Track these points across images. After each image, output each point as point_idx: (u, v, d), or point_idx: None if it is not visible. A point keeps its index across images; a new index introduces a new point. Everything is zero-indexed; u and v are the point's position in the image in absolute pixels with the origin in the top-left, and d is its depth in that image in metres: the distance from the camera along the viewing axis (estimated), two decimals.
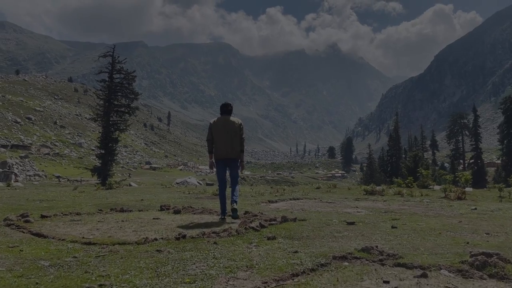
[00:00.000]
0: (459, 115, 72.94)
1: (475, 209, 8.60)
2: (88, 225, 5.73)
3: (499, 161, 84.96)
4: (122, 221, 6.10)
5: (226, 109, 7.02)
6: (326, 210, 8.29)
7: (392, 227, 5.49)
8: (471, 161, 65.26)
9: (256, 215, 6.33)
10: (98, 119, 31.79)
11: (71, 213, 6.98)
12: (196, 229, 5.25)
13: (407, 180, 16.94)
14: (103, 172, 30.18)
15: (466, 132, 69.90)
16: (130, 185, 24.02)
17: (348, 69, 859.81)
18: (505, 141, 57.49)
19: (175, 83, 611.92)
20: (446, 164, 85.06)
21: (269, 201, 10.32)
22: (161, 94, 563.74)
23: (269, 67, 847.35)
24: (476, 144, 63.50)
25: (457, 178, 15.95)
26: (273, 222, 5.57)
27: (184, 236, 4.55)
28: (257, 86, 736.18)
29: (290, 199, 11.03)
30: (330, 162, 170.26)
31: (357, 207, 9.00)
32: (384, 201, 10.75)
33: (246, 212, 6.69)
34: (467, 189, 14.51)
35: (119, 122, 32.10)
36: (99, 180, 30.07)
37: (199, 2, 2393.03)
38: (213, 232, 4.75)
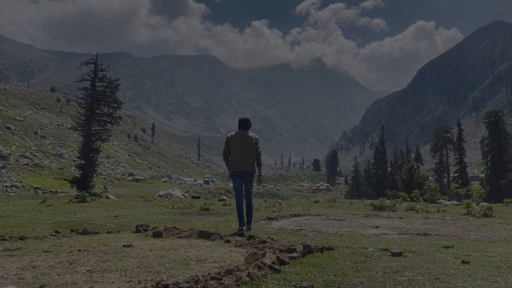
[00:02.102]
0: (443, 129, 72.77)
1: None
2: (25, 259, 3.99)
3: (482, 175, 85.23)
4: (79, 250, 4.34)
5: (245, 125, 7.29)
6: (344, 231, 6.79)
7: (463, 262, 3.94)
8: (455, 174, 64.92)
9: (265, 242, 4.66)
10: (79, 128, 30.77)
11: (12, 238, 5.21)
12: (185, 269, 3.54)
13: (413, 194, 15.62)
14: (83, 184, 28.70)
15: (450, 145, 69.68)
16: (107, 197, 22.07)
17: (332, 83, 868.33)
18: (489, 155, 57.27)
19: (160, 94, 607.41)
20: (430, 178, 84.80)
21: (268, 218, 8.75)
22: (146, 105, 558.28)
23: (255, 80, 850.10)
24: (461, 158, 63.15)
25: (469, 192, 14.71)
26: (294, 255, 3.90)
27: None
28: (243, 98, 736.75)
29: (291, 216, 9.48)
30: (315, 175, 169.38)
31: (377, 226, 7.54)
32: (400, 218, 9.30)
33: (250, 237, 5.08)
34: (482, 204, 13.21)
35: (101, 131, 31.02)
36: (78, 192, 28.30)
37: (185, 14, 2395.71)
38: (213, 279, 2.98)
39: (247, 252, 4.16)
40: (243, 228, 6.75)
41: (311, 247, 4.23)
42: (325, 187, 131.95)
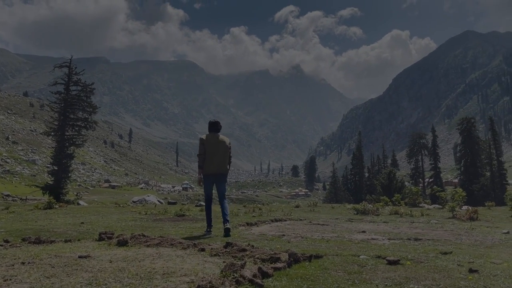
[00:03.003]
0: (418, 135, 73.94)
1: (508, 232, 6.92)
2: None
3: (456, 180, 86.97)
4: (23, 263, 3.63)
5: (216, 128, 7.21)
6: (330, 236, 6.31)
7: (471, 271, 3.46)
8: (430, 179, 65.92)
9: (244, 250, 4.02)
10: (52, 133, 29.69)
11: None
12: (147, 285, 2.86)
13: (395, 198, 15.36)
14: (55, 190, 27.68)
15: (425, 151, 70.77)
16: (78, 204, 21.04)
17: (311, 90, 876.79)
18: (463, 161, 58.36)
19: (137, 100, 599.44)
20: (406, 183, 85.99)
21: (248, 224, 8.18)
22: (123, 111, 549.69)
23: (234, 86, 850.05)
24: (435, 163, 64.18)
25: (451, 196, 14.59)
26: (279, 265, 3.31)
27: None
28: (222, 104, 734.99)
29: (272, 221, 8.94)
30: (293, 181, 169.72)
31: (363, 231, 7.10)
32: (385, 222, 8.92)
33: (228, 244, 4.45)
34: (464, 207, 13.04)
35: (75, 136, 30.19)
36: (53, 199, 27.16)
37: (163, 19, 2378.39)
38: None
39: (223, 262, 3.57)
40: (211, 230, 6.87)
41: (297, 256, 3.66)
42: (303, 193, 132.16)
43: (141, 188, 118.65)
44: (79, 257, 3.86)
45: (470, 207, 10.83)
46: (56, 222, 8.37)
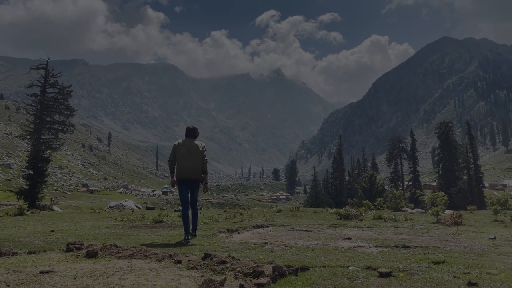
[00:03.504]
0: (398, 139, 74.88)
1: (494, 238, 6.80)
2: None
3: (434, 183, 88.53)
4: None
5: (193, 134, 7.29)
6: (315, 244, 6.07)
7: (470, 284, 3.22)
8: (409, 183, 66.71)
9: (224, 262, 3.67)
10: (28, 136, 28.89)
11: None
12: None
13: (377, 202, 15.26)
14: (31, 195, 26.92)
15: (404, 155, 71.68)
16: (52, 209, 20.26)
17: (291, 94, 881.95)
18: (441, 164, 59.34)
19: (117, 103, 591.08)
20: (386, 186, 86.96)
21: (228, 231, 7.87)
22: (102, 114, 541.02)
23: (215, 90, 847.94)
24: (414, 167, 65.06)
25: (433, 200, 14.59)
26: (262, 281, 2.96)
27: None
28: (203, 108, 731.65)
29: (254, 227, 8.65)
30: (274, 184, 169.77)
31: (349, 237, 6.89)
32: (369, 227, 8.74)
33: (206, 256, 4.09)
34: (447, 211, 13.01)
35: (51, 140, 29.58)
36: (26, 204, 26.29)
37: (144, 22, 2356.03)
38: None
39: (202, 276, 3.24)
40: (189, 237, 6.78)
41: (282, 269, 3.34)
42: (284, 197, 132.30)
43: (120, 192, 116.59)
44: (40, 272, 3.45)
45: (454, 212, 10.76)
46: (24, 230, 7.86)
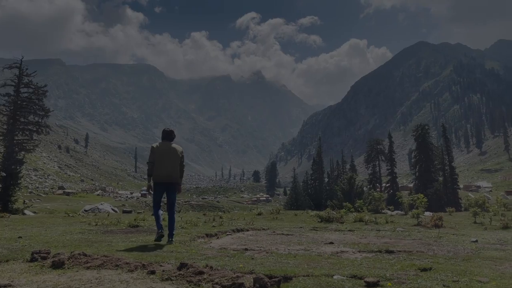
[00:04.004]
0: (376, 141, 76.01)
1: (476, 241, 6.97)
2: None
3: (411, 185, 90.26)
4: None
5: (170, 137, 7.36)
6: (297, 250, 6.02)
7: None
8: (387, 184, 67.71)
9: (201, 273, 3.57)
10: (0, 137, 28.30)
11: None
12: None
13: (358, 204, 15.42)
14: (3, 198, 26.34)
15: (382, 157, 72.76)
16: (23, 213, 19.70)
17: (271, 96, 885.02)
18: (417, 166, 60.51)
19: (94, 104, 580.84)
20: (364, 188, 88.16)
21: (207, 236, 7.81)
22: (79, 115, 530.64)
23: (195, 91, 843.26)
24: (392, 169, 66.13)
25: (412, 202, 14.85)
26: None
27: None
28: (183, 109, 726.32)
29: (234, 231, 8.61)
30: (255, 186, 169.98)
31: (331, 242, 6.92)
32: (351, 231, 8.83)
33: (182, 266, 3.96)
34: (426, 213, 13.26)
35: (25, 141, 28.96)
36: None
37: (122, 22, 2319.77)
38: None
39: None
40: (162, 231, 6.92)
41: (264, 281, 3.27)
42: (264, 198, 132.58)
43: (98, 195, 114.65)
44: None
45: (434, 214, 10.96)
46: None
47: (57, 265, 4.27)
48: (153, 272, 3.84)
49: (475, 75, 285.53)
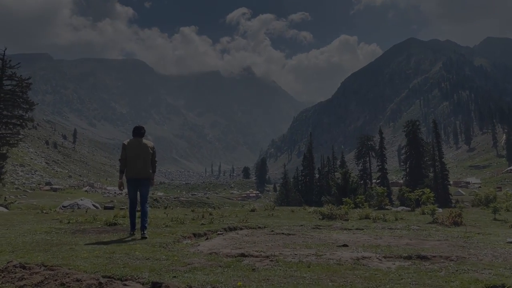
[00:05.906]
0: (366, 137, 75.88)
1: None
2: None
3: (401, 181, 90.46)
4: None
5: (139, 132, 7.48)
6: (307, 255, 5.06)
7: None
8: (377, 181, 67.65)
9: None
10: None
11: None
12: None
13: (358, 200, 14.79)
14: None
15: (373, 153, 72.65)
16: None
17: (261, 92, 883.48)
18: (408, 162, 60.49)
19: (83, 99, 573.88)
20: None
21: (195, 235, 6.98)
22: (67, 110, 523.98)
23: (185, 87, 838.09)
24: (382, 165, 66.04)
25: (418, 197, 14.22)
26: None
27: None
28: (172, 105, 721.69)
29: (226, 230, 7.76)
30: (244, 182, 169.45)
31: (345, 244, 6.00)
32: (360, 229, 8.04)
33: (154, 285, 3.00)
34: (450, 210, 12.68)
35: (9, 135, 28.48)
36: None
37: (111, 16, 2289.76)
38: None
39: None
40: (134, 232, 7.07)
41: None
42: (254, 195, 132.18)
43: (86, 191, 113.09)
44: None
45: (452, 210, 10.24)
46: None
47: None
48: None
49: (464, 72, 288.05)
